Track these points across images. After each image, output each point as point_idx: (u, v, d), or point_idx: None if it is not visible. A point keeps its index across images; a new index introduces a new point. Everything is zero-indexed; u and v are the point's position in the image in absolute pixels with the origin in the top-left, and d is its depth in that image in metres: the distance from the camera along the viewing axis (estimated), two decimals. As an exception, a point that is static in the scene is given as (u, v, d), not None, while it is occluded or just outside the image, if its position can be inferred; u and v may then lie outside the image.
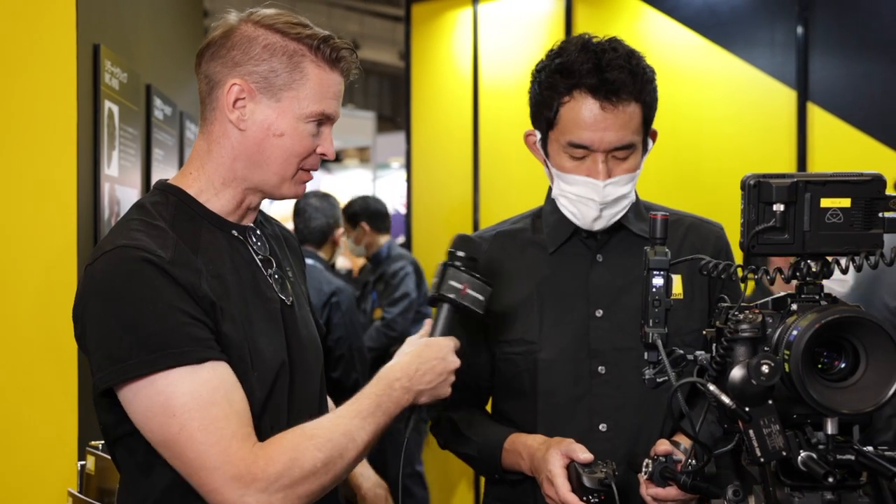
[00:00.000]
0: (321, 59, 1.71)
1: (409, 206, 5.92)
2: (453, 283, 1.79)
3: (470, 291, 1.79)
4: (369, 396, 1.67)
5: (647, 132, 2.01)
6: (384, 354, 5.22)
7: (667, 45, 4.59)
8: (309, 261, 3.49)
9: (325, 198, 4.70)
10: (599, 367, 2.01)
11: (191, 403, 1.53)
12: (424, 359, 1.73)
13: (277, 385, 1.69)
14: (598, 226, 2.01)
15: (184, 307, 1.56)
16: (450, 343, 1.77)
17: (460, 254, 1.82)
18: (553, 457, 1.84)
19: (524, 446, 1.95)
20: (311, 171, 1.78)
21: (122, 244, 1.59)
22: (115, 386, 1.57)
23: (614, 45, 1.97)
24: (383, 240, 5.57)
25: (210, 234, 1.70)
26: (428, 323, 1.82)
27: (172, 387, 1.53)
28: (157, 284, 1.56)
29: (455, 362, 1.76)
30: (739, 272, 1.50)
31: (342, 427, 1.61)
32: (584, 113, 1.92)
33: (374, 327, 5.34)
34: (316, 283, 4.04)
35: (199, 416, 1.53)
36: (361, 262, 5.99)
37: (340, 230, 4.66)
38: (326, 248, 4.61)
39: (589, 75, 1.91)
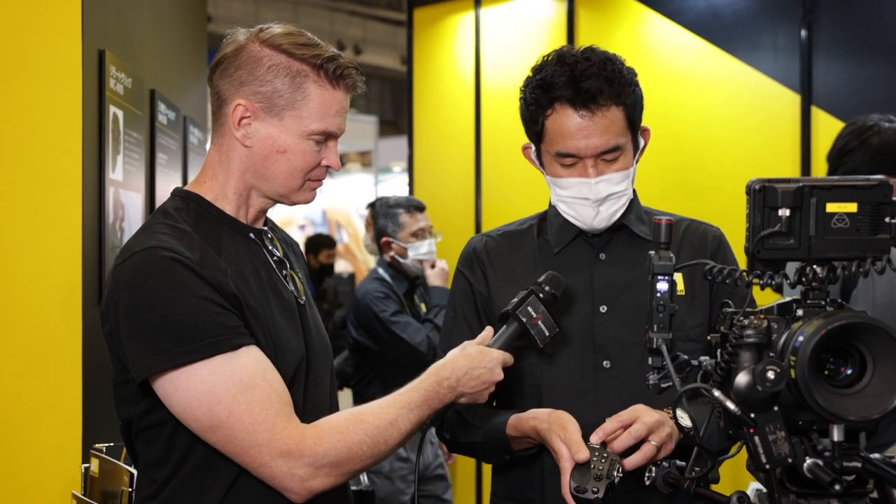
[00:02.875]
0: (324, 78, 1.78)
1: (411, 210, 5.91)
2: (530, 309, 1.93)
3: (540, 323, 1.93)
4: (418, 390, 1.79)
5: (636, 132, 2.06)
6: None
7: (669, 49, 4.59)
8: None
9: None
10: (604, 362, 2.05)
11: (234, 388, 1.64)
12: (476, 364, 1.85)
13: (296, 378, 1.77)
14: (599, 225, 2.05)
15: (214, 298, 1.65)
16: (502, 357, 1.89)
17: (547, 288, 1.95)
18: (558, 444, 1.85)
19: (530, 428, 1.96)
20: (320, 180, 1.87)
21: (151, 245, 1.68)
22: (152, 377, 1.65)
23: (588, 54, 2.02)
24: None
25: (230, 237, 1.79)
26: (488, 330, 1.94)
27: (214, 375, 1.63)
28: (188, 281, 1.65)
29: (500, 376, 1.87)
30: (745, 277, 1.49)
31: (391, 415, 1.74)
32: (566, 123, 1.99)
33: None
34: None
35: (244, 399, 1.64)
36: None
37: None
38: None
39: (565, 87, 1.98)
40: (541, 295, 1.94)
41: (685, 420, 1.84)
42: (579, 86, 1.97)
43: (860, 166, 2.62)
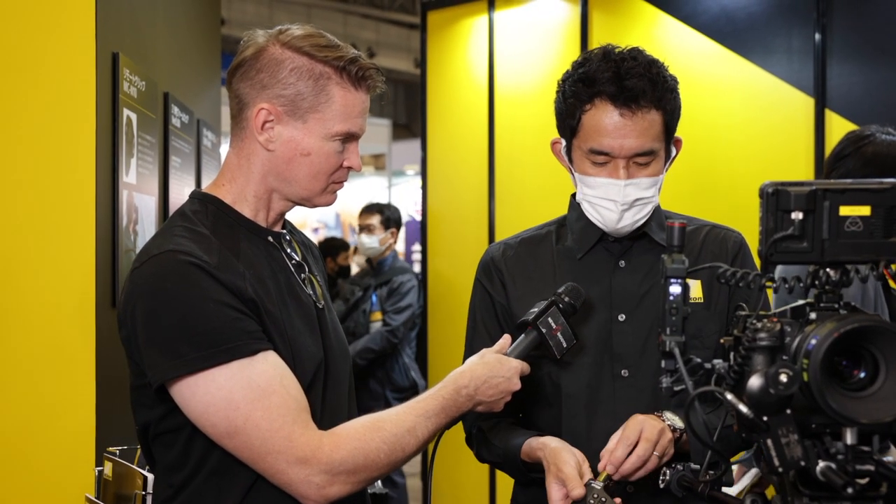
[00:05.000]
0: (346, 80, 1.78)
1: (424, 213, 5.93)
2: (550, 320, 1.94)
3: (559, 335, 1.93)
4: (436, 398, 1.79)
5: (670, 140, 2.04)
6: (381, 357, 5.81)
7: (683, 53, 4.58)
8: None
9: None
10: (622, 371, 2.04)
11: (252, 395, 1.63)
12: (494, 373, 1.84)
13: (314, 384, 1.77)
14: (623, 229, 2.03)
15: (232, 303, 1.65)
16: (520, 367, 1.89)
17: (567, 299, 1.95)
18: (550, 486, 1.87)
19: (537, 458, 1.96)
20: (342, 182, 1.86)
21: (169, 249, 1.67)
22: (169, 382, 1.65)
23: (634, 54, 2.00)
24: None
25: (248, 241, 1.78)
26: (506, 338, 1.94)
27: (232, 380, 1.62)
28: (205, 285, 1.64)
29: (517, 385, 1.87)
30: (757, 280, 1.49)
31: (408, 423, 1.73)
32: (604, 120, 1.96)
33: (378, 332, 5.76)
34: None
35: (261, 405, 1.63)
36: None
37: None
38: None
39: (609, 83, 1.95)
40: (560, 306, 1.93)
41: (676, 422, 1.86)
42: (623, 83, 1.94)
43: (850, 173, 2.68)
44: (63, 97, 2.78)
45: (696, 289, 2.05)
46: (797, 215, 1.42)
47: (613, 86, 1.95)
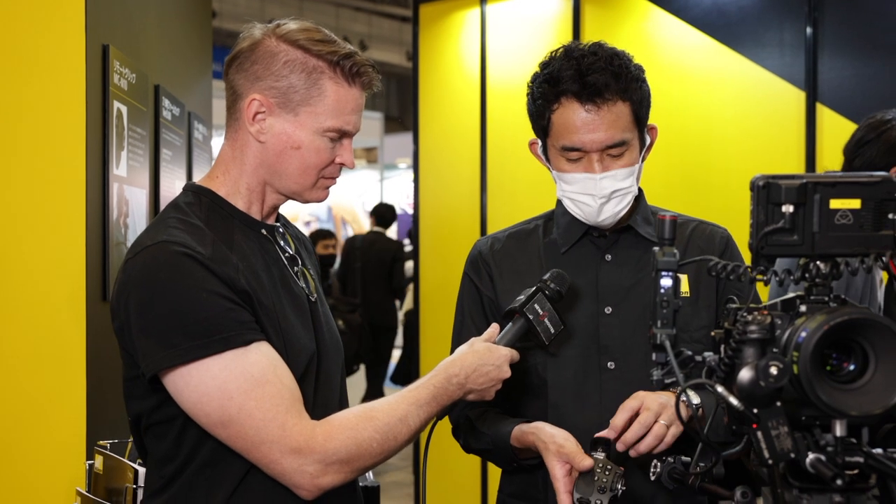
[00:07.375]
0: (340, 75, 1.78)
1: (416, 206, 5.92)
2: (537, 307, 1.95)
3: (546, 321, 1.95)
4: (428, 387, 1.79)
5: (643, 128, 2.06)
6: None
7: (675, 46, 4.59)
8: None
9: None
10: (609, 363, 2.05)
11: (245, 384, 1.63)
12: (484, 361, 1.85)
13: (306, 376, 1.77)
14: (605, 221, 2.05)
15: (225, 294, 1.65)
16: (510, 354, 1.89)
17: (553, 286, 1.96)
18: (553, 464, 1.87)
19: (530, 442, 1.97)
20: (334, 178, 1.86)
21: (162, 240, 1.67)
22: (163, 372, 1.65)
23: (595, 49, 2.03)
24: None
25: (242, 233, 1.79)
26: (494, 327, 1.95)
27: (226, 370, 1.63)
28: (199, 276, 1.64)
29: (507, 373, 1.88)
30: (748, 273, 1.49)
31: (400, 412, 1.73)
32: (572, 117, 2.00)
33: None
34: None
35: (255, 395, 1.63)
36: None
37: None
38: None
39: (571, 81, 1.99)
40: (546, 292, 1.95)
41: (694, 398, 1.86)
42: (585, 79, 1.97)
43: (874, 159, 2.68)
44: (52, 90, 2.77)
45: (682, 283, 2.06)
46: (788, 208, 1.42)
47: (576, 83, 1.98)
